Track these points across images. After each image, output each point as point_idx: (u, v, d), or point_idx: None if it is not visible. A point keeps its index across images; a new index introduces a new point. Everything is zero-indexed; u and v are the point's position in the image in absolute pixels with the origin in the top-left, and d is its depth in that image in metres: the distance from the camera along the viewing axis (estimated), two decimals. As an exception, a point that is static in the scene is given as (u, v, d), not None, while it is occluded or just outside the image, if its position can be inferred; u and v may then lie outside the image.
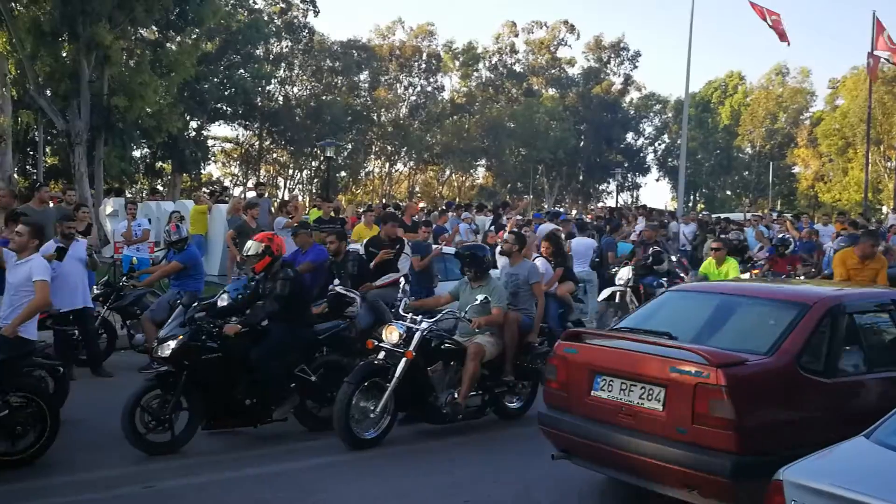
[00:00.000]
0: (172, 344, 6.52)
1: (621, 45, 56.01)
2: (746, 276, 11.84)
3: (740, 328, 5.48)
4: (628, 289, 12.34)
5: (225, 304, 7.45)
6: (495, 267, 8.71)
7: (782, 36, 26.30)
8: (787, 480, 3.79)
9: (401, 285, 9.35)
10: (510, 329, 7.49)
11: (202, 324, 6.77)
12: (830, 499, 3.58)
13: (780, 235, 15.51)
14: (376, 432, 6.77)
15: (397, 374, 6.70)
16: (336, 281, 9.24)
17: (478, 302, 7.27)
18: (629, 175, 58.57)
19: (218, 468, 6.26)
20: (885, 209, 35.78)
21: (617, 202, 45.76)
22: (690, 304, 6.00)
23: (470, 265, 7.65)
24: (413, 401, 6.98)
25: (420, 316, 7.16)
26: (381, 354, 6.90)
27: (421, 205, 27.44)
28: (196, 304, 7.06)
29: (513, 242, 8.36)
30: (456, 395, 7.07)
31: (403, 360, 6.72)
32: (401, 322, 7.07)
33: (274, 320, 6.99)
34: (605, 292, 12.27)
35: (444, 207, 19.84)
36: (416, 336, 6.86)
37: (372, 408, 6.73)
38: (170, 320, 6.86)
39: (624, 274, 12.48)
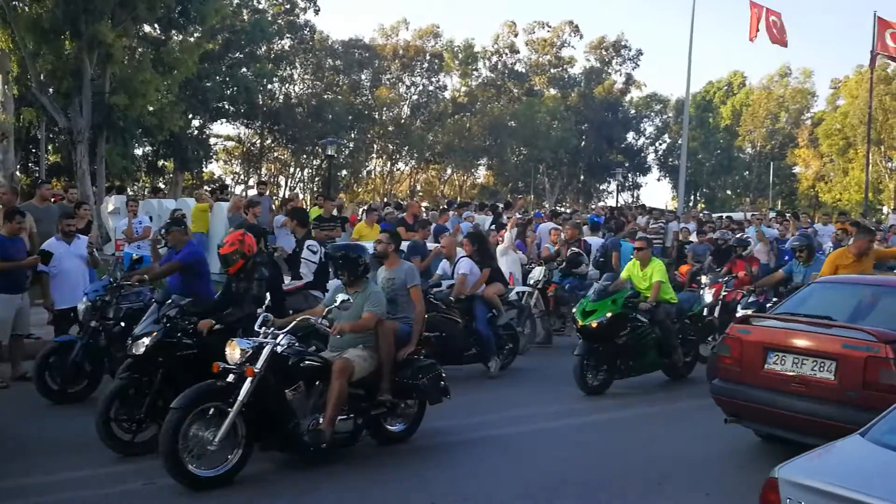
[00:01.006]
0: (147, 341, 6.32)
1: (622, 44, 56.05)
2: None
3: (890, 312, 6.34)
4: (537, 290, 11.90)
5: (82, 307, 7.40)
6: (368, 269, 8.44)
7: (776, 39, 26.29)
8: (782, 478, 3.81)
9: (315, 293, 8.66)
10: (385, 340, 6.52)
11: (176, 321, 6.49)
12: (826, 497, 3.61)
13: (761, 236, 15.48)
14: (223, 469, 5.69)
15: (241, 396, 5.64)
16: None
17: (337, 303, 6.33)
18: (630, 175, 58.56)
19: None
20: (885, 209, 35.80)
21: (617, 202, 45.64)
22: (837, 294, 7.03)
23: (342, 268, 6.65)
24: (269, 428, 5.91)
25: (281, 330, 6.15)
26: (231, 377, 5.80)
27: (424, 204, 27.49)
28: (171, 300, 6.71)
29: (387, 242, 7.41)
30: (320, 421, 6.03)
31: (248, 380, 5.69)
32: (248, 339, 5.95)
33: (252, 321, 6.45)
34: (512, 293, 11.41)
35: (444, 206, 19.84)
36: (265, 352, 5.80)
37: (211, 438, 5.61)
38: (144, 317, 6.65)
39: (536, 274, 12.04)
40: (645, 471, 6.32)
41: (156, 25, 26.77)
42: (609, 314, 8.82)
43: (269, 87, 42.44)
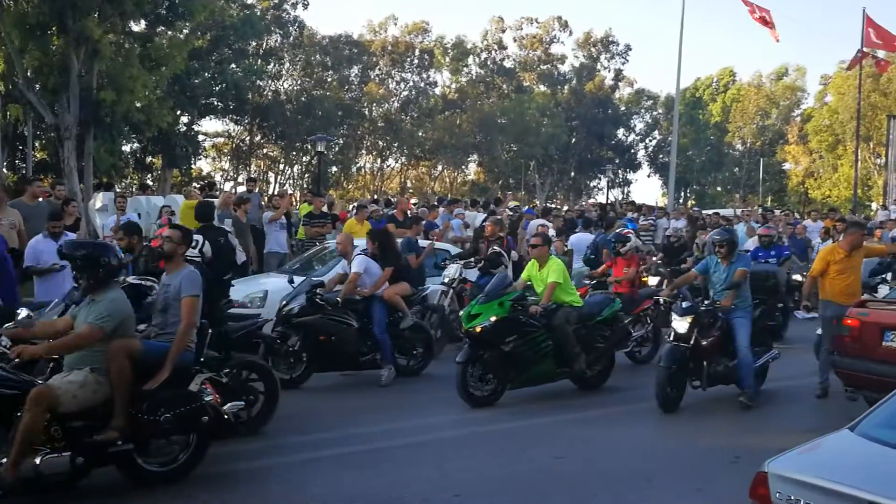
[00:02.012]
0: None
1: (610, 39, 56.09)
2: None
3: None
4: (451, 289, 11.27)
5: None
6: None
7: (770, 33, 26.40)
8: (771, 473, 3.82)
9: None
10: (115, 363, 5.36)
11: None
12: (815, 490, 3.62)
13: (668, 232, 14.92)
14: None
15: None
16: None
17: (21, 316, 5.53)
18: (620, 171, 58.67)
19: (215, 462, 6.24)
20: (874, 205, 35.91)
21: (608, 198, 45.80)
22: None
23: (80, 270, 5.64)
24: None
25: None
26: None
27: (413, 201, 27.42)
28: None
29: (177, 241, 6.29)
30: (3, 461, 4.95)
31: None
32: None
33: None
34: (427, 292, 10.80)
35: (434, 203, 19.81)
36: None
37: None
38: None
39: (451, 272, 11.40)
40: (636, 466, 6.33)
41: (143, 21, 26.60)
42: (494, 318, 8.06)
43: (259, 83, 42.29)
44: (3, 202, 9.37)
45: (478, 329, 8.05)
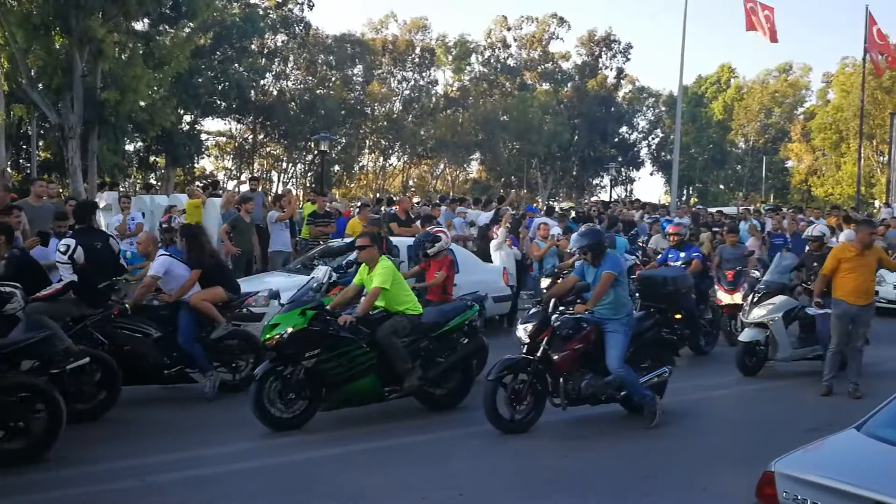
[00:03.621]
0: None
1: (612, 37, 56.01)
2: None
3: None
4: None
5: None
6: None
7: (769, 35, 26.33)
8: (778, 472, 3.82)
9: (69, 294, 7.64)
10: None
11: None
12: (821, 490, 3.62)
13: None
14: None
15: None
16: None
17: None
18: (623, 169, 58.59)
19: (212, 463, 6.27)
20: (877, 203, 35.90)
21: (611, 196, 45.67)
22: None
23: None
24: None
25: None
26: None
27: (415, 199, 27.45)
28: None
29: None
30: None
31: None
32: None
33: None
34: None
35: (437, 201, 19.82)
36: None
37: None
38: None
39: (319, 275, 9.64)
40: (640, 465, 6.33)
41: (146, 20, 26.62)
42: (290, 329, 6.99)
43: (262, 82, 42.30)
44: (4, 203, 9.42)
45: (272, 341, 7.04)
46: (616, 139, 57.81)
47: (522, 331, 7.27)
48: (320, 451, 6.59)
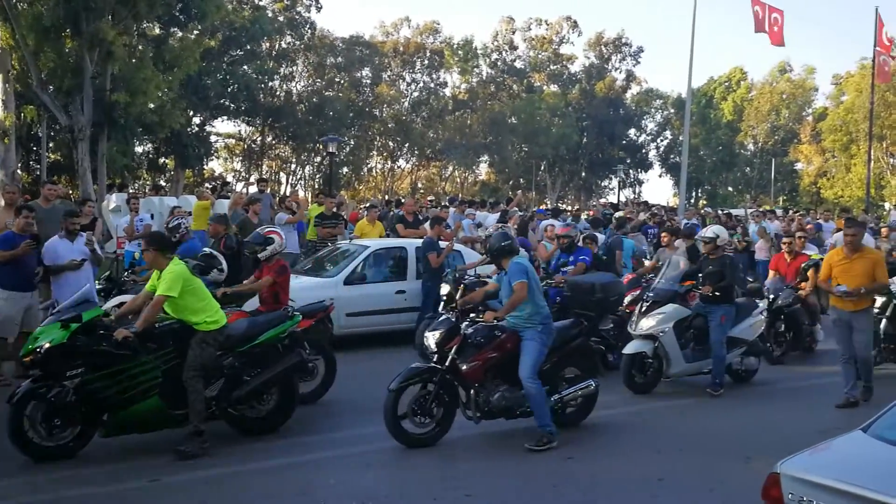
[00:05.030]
0: None
1: (623, 40, 56.01)
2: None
3: None
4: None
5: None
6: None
7: (776, 39, 26.23)
8: (784, 474, 3.83)
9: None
10: None
11: None
12: (828, 492, 3.62)
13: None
14: None
15: None
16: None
17: None
18: (631, 171, 58.58)
19: (222, 463, 6.30)
20: (887, 205, 35.77)
21: (619, 198, 45.68)
22: None
23: None
24: None
25: None
26: None
27: (429, 198, 27.56)
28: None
29: None
30: None
31: None
32: None
33: None
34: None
35: (446, 203, 19.87)
36: None
37: None
38: None
39: (216, 277, 9.12)
40: (647, 467, 6.33)
41: (156, 23, 26.76)
42: (47, 344, 6.09)
43: (270, 84, 42.44)
44: (16, 204, 9.47)
45: (27, 358, 6.23)
46: (624, 141, 57.81)
47: (431, 338, 6.82)
48: (328, 451, 6.61)
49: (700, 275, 9.06)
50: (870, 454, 4.01)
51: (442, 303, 10.23)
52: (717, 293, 8.67)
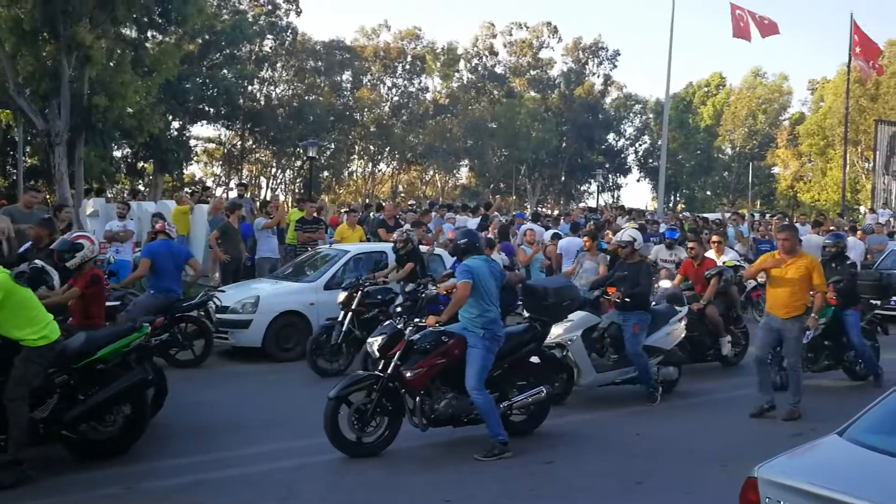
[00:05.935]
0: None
1: (599, 45, 56.28)
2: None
3: None
4: None
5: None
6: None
7: (766, 29, 26.56)
8: (761, 478, 3.86)
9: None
10: None
11: None
12: (804, 496, 3.66)
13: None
14: None
15: None
16: None
17: None
18: (610, 175, 58.82)
19: (201, 469, 6.27)
20: (862, 209, 36.12)
21: (598, 203, 45.87)
22: None
23: None
24: None
25: None
26: None
27: (410, 202, 27.53)
28: None
29: None
30: None
31: None
32: None
33: None
34: None
35: (427, 207, 19.89)
36: None
37: None
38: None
39: (44, 293, 8.40)
40: (625, 470, 6.37)
41: (135, 27, 26.55)
42: None
43: (250, 88, 42.24)
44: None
45: None
46: (603, 146, 58.06)
47: (373, 344, 6.73)
48: (309, 457, 6.58)
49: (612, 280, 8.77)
50: (846, 458, 4.05)
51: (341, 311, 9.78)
52: (627, 299, 8.34)
